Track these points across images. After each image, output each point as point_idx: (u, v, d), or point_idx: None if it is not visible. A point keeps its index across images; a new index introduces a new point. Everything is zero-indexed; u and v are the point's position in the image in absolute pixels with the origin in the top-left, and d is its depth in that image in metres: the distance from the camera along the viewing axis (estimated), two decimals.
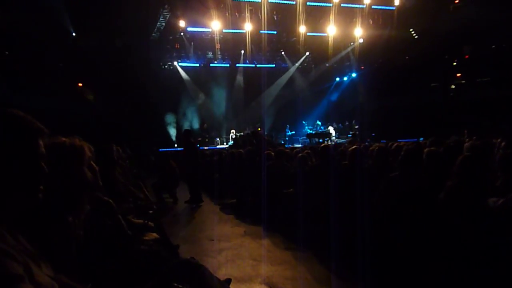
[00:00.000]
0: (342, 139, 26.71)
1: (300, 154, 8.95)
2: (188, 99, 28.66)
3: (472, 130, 14.85)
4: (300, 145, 23.02)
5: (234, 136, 26.71)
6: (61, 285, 1.81)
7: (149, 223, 4.75)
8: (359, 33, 26.28)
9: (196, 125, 28.45)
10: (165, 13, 23.45)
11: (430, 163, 5.36)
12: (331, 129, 28.53)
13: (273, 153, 9.59)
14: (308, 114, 30.48)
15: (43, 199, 1.83)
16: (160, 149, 22.85)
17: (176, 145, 26.41)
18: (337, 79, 32.92)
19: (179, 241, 6.81)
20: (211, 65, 29.60)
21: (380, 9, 25.69)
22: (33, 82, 21.33)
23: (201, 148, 20.01)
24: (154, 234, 4.57)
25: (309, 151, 9.71)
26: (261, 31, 24.76)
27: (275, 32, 26.42)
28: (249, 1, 23.67)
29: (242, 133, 25.82)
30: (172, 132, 28.16)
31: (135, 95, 24.04)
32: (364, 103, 28.80)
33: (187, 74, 29.41)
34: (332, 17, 24.43)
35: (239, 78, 30.55)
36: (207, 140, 27.77)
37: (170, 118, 27.90)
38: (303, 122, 29.58)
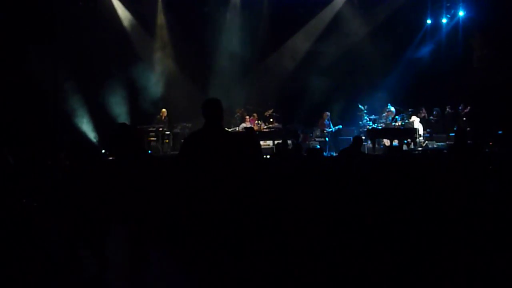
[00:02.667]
0: (437, 141, 16.94)
1: None
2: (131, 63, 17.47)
3: None
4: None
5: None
6: None
7: None
8: None
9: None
10: None
11: None
12: (416, 122, 16.80)
13: None
14: (370, 91, 19.18)
15: None
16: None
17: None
18: (428, 21, 20.85)
19: None
20: None
21: None
22: None
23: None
24: None
25: None
26: None
27: None
28: None
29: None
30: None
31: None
32: (482, 70, 18.86)
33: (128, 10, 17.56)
34: None
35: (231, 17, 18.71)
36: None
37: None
38: (360, 106, 17.79)
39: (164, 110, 16.48)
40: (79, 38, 15.60)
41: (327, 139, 16.51)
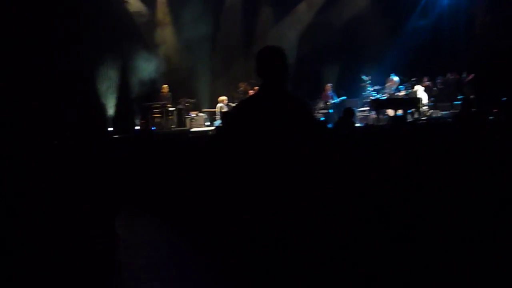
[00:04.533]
0: (441, 110, 16.55)
1: None
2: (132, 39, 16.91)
3: None
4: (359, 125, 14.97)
5: (225, 109, 15.37)
6: None
7: None
8: None
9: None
10: None
11: None
12: (419, 91, 16.31)
13: None
14: (373, 60, 18.54)
15: None
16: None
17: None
18: None
19: None
20: None
21: None
22: None
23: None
24: None
25: None
26: None
27: None
28: None
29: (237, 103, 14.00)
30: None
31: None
32: (484, 36, 18.15)
33: None
34: None
35: None
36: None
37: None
38: (363, 76, 17.36)
39: (165, 86, 16.15)
40: (80, 14, 15.32)
41: (331, 111, 16.21)
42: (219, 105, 15.61)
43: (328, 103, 16.29)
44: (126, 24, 16.65)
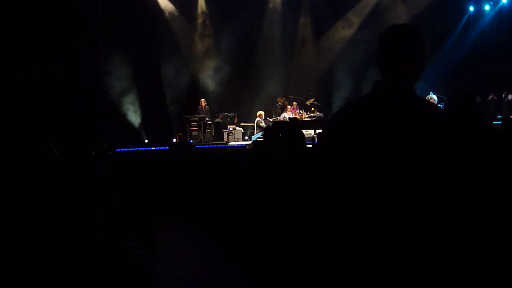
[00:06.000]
0: None
1: None
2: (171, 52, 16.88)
3: None
4: None
5: (263, 125, 15.07)
6: None
7: None
8: None
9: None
10: None
11: None
12: None
13: None
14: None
15: None
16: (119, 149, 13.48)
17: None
18: (471, 8, 19.87)
19: None
20: None
21: None
22: None
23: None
24: None
25: None
26: None
27: None
28: None
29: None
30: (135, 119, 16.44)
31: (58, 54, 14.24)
32: None
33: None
34: None
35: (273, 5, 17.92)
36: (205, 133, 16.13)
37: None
38: None
39: (202, 99, 16.08)
40: (122, 29, 15.41)
41: None
42: (257, 119, 15.51)
43: None
44: (165, 36, 16.77)
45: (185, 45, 17.13)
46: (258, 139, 13.63)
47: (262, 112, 15.57)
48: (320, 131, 14.80)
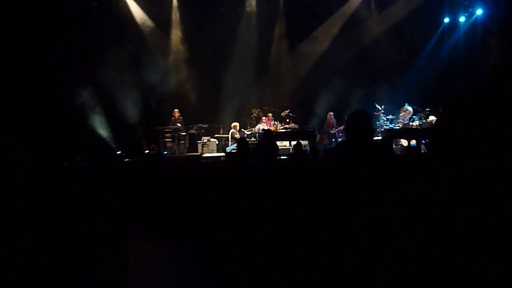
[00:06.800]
0: None
1: None
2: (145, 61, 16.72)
3: None
4: None
5: (236, 136, 15.20)
6: None
7: None
8: None
9: None
10: None
11: None
12: (434, 121, 15.07)
13: None
14: (387, 90, 18.24)
15: None
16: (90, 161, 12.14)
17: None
18: (446, 20, 19.44)
19: None
20: None
21: None
22: None
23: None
24: None
25: None
26: None
27: None
28: None
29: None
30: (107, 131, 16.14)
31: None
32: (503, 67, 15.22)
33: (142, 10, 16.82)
34: None
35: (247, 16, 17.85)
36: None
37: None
38: (377, 106, 16.73)
39: (176, 110, 15.89)
40: (93, 38, 15.23)
41: (339, 139, 15.91)
42: (231, 131, 15.38)
43: (331, 131, 16.16)
44: (138, 45, 16.58)
45: (158, 54, 16.93)
46: (232, 151, 13.56)
47: (237, 124, 15.43)
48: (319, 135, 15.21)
